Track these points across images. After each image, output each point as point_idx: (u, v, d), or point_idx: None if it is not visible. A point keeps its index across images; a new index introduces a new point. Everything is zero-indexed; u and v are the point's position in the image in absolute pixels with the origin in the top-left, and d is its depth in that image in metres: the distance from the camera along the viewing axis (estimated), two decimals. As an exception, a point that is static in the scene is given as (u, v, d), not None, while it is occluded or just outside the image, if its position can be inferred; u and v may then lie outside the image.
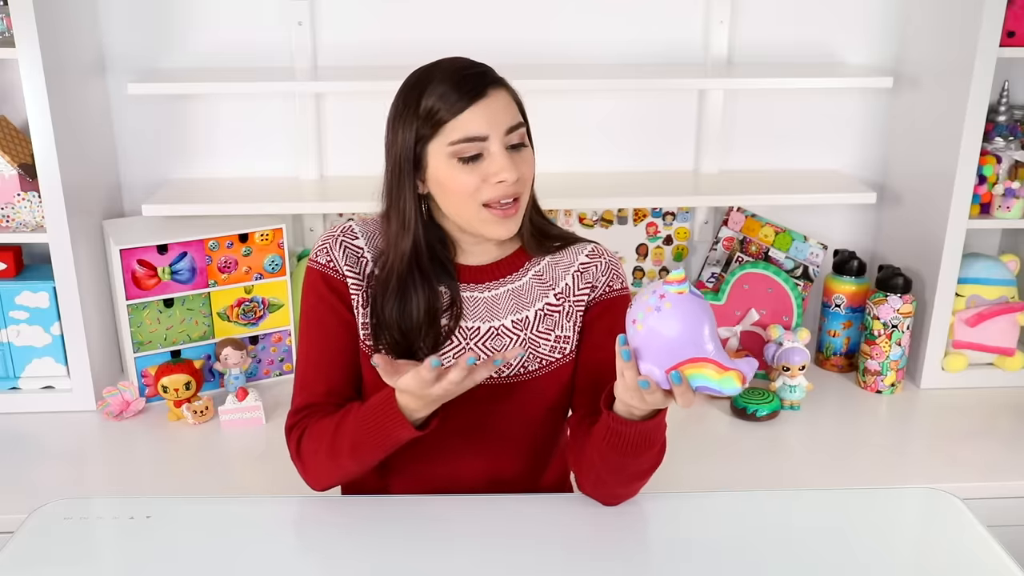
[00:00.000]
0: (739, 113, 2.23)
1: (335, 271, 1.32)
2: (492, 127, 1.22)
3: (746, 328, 2.16)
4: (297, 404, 1.35)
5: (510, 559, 1.19)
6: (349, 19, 2.11)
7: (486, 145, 1.22)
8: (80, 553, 1.23)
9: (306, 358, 1.35)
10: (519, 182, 1.25)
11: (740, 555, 1.21)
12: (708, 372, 1.07)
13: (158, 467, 1.83)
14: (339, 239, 1.33)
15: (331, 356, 1.33)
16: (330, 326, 1.33)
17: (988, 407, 2.05)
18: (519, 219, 1.28)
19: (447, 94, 1.22)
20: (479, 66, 1.26)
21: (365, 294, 1.32)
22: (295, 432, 1.33)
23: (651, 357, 1.08)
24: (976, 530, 1.26)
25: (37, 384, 2.00)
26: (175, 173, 2.19)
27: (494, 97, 1.23)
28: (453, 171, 1.23)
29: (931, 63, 2.05)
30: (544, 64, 2.13)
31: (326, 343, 1.33)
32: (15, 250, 1.96)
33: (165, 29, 2.09)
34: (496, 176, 1.22)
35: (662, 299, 1.07)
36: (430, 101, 1.22)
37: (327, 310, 1.32)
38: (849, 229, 2.32)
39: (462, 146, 1.22)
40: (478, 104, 1.22)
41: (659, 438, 1.21)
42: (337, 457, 1.26)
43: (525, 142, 1.27)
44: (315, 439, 1.29)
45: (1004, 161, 2.03)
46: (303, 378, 1.35)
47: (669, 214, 2.29)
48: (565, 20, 2.14)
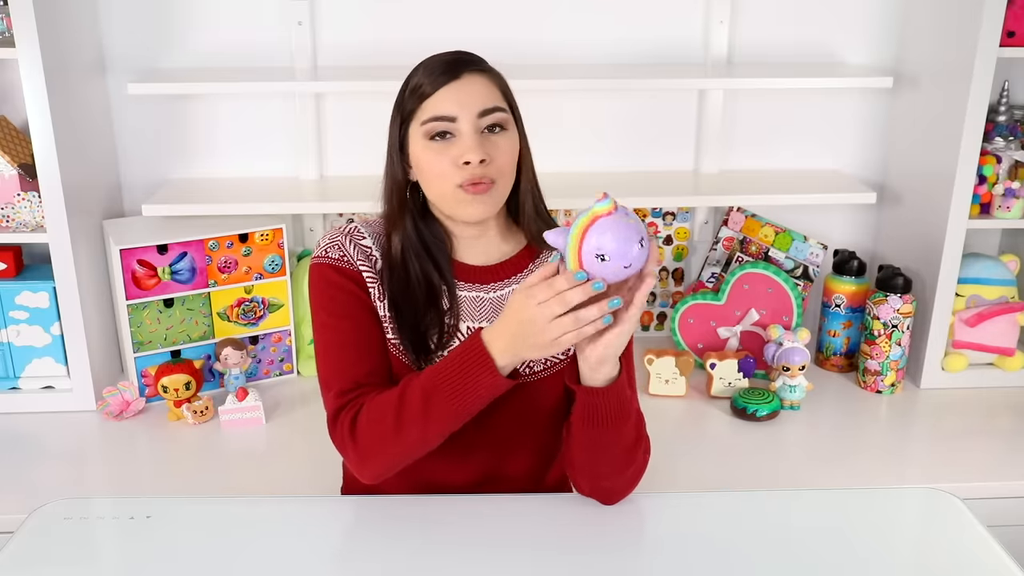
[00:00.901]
0: (739, 113, 2.23)
1: (349, 264, 1.31)
2: (462, 108, 1.23)
3: (746, 328, 2.16)
4: (341, 387, 1.26)
5: (510, 559, 1.19)
6: (349, 19, 2.11)
7: (456, 126, 1.23)
8: (80, 553, 1.23)
9: (337, 345, 1.28)
10: (490, 166, 1.24)
11: (740, 555, 1.21)
12: None
13: (158, 467, 1.83)
14: (349, 236, 1.33)
15: (365, 341, 1.29)
16: (356, 312, 1.29)
17: (988, 407, 2.05)
18: (494, 201, 1.26)
19: (429, 73, 1.25)
20: (465, 54, 1.28)
21: (380, 287, 1.31)
22: (347, 411, 1.24)
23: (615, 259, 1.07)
24: (976, 530, 1.26)
25: (37, 384, 2.00)
26: (175, 173, 2.19)
27: (468, 80, 1.25)
28: (426, 152, 1.25)
29: (931, 63, 2.05)
30: (544, 64, 2.13)
31: (355, 330, 1.29)
32: (15, 250, 1.96)
33: (165, 29, 2.09)
34: (461, 156, 1.22)
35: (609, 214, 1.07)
36: (415, 80, 1.27)
37: (348, 298, 1.29)
38: (849, 229, 2.32)
39: (431, 124, 1.24)
40: (451, 85, 1.23)
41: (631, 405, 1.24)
42: (404, 427, 1.18)
43: (505, 126, 1.26)
44: (378, 409, 1.21)
45: (1004, 161, 2.03)
46: (338, 364, 1.28)
47: (669, 214, 2.29)
48: (564, 20, 2.14)
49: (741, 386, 2.05)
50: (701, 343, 2.18)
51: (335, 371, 1.28)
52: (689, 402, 2.06)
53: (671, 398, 2.06)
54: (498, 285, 1.34)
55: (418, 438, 1.20)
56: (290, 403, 2.03)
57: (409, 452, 1.23)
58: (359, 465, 1.25)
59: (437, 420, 1.18)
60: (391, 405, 1.20)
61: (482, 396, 1.17)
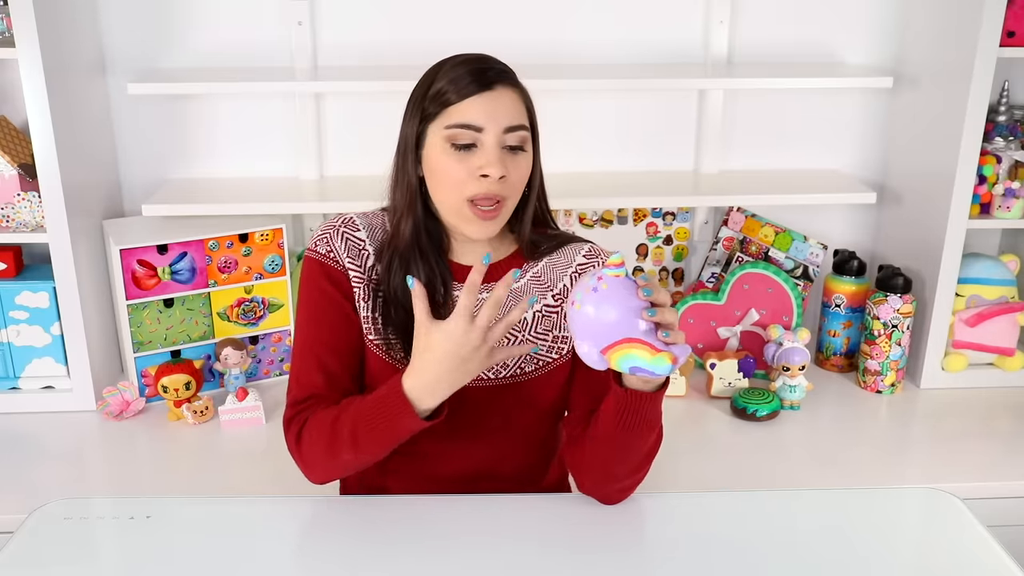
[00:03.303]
0: (739, 113, 2.23)
1: (336, 262, 1.30)
2: (491, 120, 1.22)
3: (746, 328, 2.16)
4: (296, 396, 1.31)
5: (510, 559, 1.19)
6: (349, 19, 2.11)
7: (480, 137, 1.22)
8: (80, 553, 1.23)
9: (304, 349, 1.31)
10: (505, 183, 1.24)
11: (739, 555, 1.21)
12: (640, 353, 1.07)
13: (158, 467, 1.83)
14: (340, 230, 1.32)
15: (330, 348, 1.30)
16: (329, 318, 1.30)
17: (988, 407, 2.05)
18: (500, 223, 1.28)
19: (458, 79, 1.23)
20: (495, 63, 1.27)
21: (367, 287, 1.31)
22: (295, 424, 1.29)
23: (588, 337, 1.10)
24: (976, 530, 1.26)
25: (37, 384, 2.00)
26: (175, 173, 2.19)
27: (501, 92, 1.24)
28: (445, 156, 1.24)
29: (931, 63, 2.05)
30: (543, 64, 2.13)
31: (325, 335, 1.30)
32: (15, 250, 1.96)
33: (165, 29, 2.09)
34: (481, 169, 1.22)
35: (599, 280, 1.09)
36: (441, 83, 1.24)
37: (326, 301, 1.30)
38: (849, 229, 2.32)
39: (457, 131, 1.22)
40: (483, 95, 1.22)
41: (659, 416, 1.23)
42: (337, 450, 1.23)
43: (525, 147, 1.27)
44: (315, 429, 1.25)
45: (1004, 161, 2.03)
46: (300, 370, 1.31)
47: (669, 214, 2.29)
48: (564, 20, 2.14)
49: (741, 386, 2.05)
50: (701, 343, 2.18)
51: (296, 376, 1.32)
52: (689, 402, 2.06)
53: (671, 398, 2.06)
54: (492, 286, 1.34)
55: (351, 460, 1.25)
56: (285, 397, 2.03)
57: (346, 468, 1.29)
58: (305, 471, 1.31)
59: (367, 451, 1.23)
60: (326, 428, 1.24)
61: (403, 436, 1.21)
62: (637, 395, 1.18)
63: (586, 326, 1.09)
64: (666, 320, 1.08)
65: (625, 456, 1.24)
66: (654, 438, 1.25)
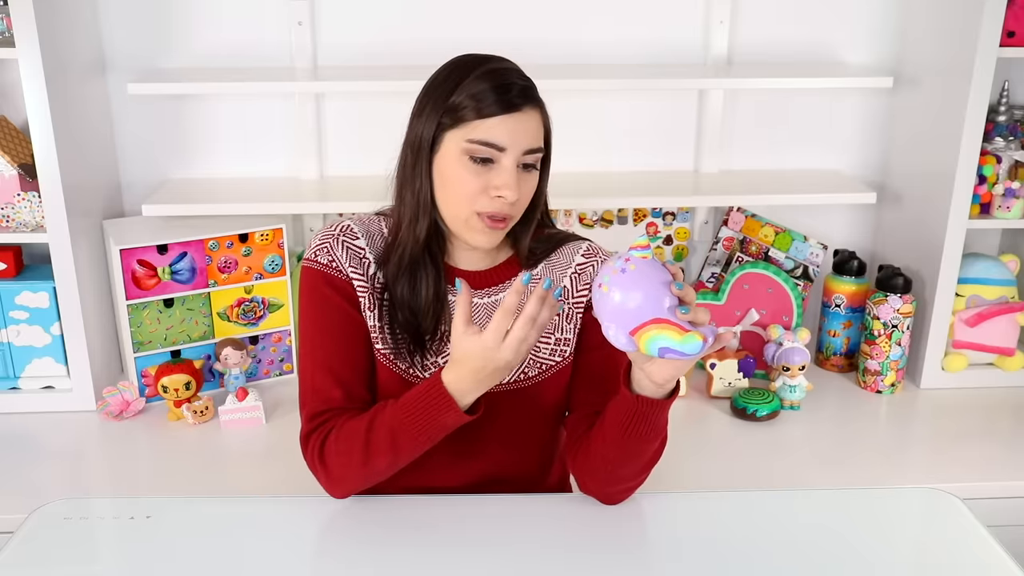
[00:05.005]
0: (739, 113, 2.23)
1: (339, 272, 1.29)
2: (514, 143, 1.21)
3: (746, 328, 2.16)
4: (312, 410, 1.28)
5: (511, 559, 1.19)
6: (349, 19, 2.11)
7: (501, 156, 1.21)
8: (80, 553, 1.23)
9: (315, 362, 1.29)
10: (516, 204, 1.24)
11: (740, 555, 1.21)
12: (670, 333, 1.06)
13: (158, 467, 1.83)
14: (339, 239, 1.30)
15: (343, 359, 1.28)
16: (339, 327, 1.28)
17: (988, 407, 2.05)
18: (503, 233, 1.28)
19: (486, 93, 1.20)
20: (522, 78, 1.25)
21: (371, 296, 1.30)
22: (316, 436, 1.26)
23: (616, 319, 1.08)
24: (976, 530, 1.26)
25: (37, 384, 2.00)
26: (175, 173, 2.19)
27: (528, 115, 1.23)
28: (460, 167, 1.22)
29: (931, 63, 2.05)
30: (543, 64, 2.13)
31: (336, 346, 1.28)
32: (15, 250, 1.96)
33: (165, 29, 2.09)
34: (498, 190, 1.21)
35: (627, 262, 1.08)
36: (468, 91, 1.21)
37: (334, 311, 1.28)
38: (849, 229, 2.32)
39: (479, 147, 1.20)
40: (511, 115, 1.21)
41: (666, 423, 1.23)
42: (371, 455, 1.21)
43: (537, 166, 1.27)
44: (346, 439, 1.23)
45: (1004, 161, 2.03)
46: (314, 383, 1.28)
47: (669, 214, 2.29)
48: (564, 20, 2.14)
49: (741, 386, 2.05)
50: (701, 343, 2.18)
51: (310, 389, 1.29)
52: (689, 402, 2.06)
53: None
54: (493, 290, 1.34)
55: (387, 464, 1.23)
56: (290, 403, 2.03)
57: (378, 476, 1.26)
58: (328, 486, 1.29)
59: (405, 452, 1.22)
60: (359, 435, 1.22)
61: (448, 429, 1.20)
62: (647, 402, 1.17)
63: (614, 308, 1.08)
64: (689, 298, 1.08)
65: (629, 460, 1.23)
66: (659, 443, 1.25)
